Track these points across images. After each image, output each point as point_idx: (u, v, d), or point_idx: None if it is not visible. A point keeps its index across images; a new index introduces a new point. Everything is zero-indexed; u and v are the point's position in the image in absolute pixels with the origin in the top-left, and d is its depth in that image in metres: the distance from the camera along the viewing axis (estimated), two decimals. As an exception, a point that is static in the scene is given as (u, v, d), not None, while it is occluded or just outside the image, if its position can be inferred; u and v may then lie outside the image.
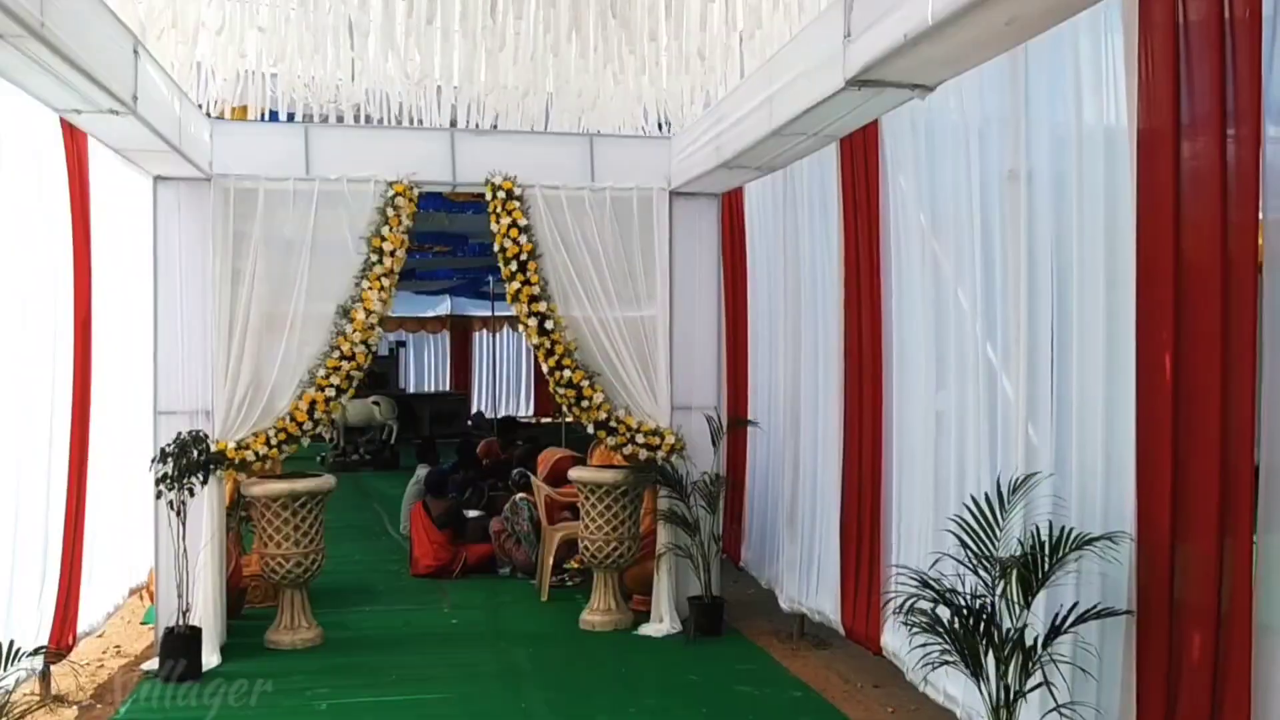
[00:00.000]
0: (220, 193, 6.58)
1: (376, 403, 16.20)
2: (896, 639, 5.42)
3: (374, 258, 6.73)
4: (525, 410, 24.02)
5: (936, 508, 5.18)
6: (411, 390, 22.65)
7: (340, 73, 6.77)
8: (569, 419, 7.51)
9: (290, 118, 6.96)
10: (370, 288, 6.70)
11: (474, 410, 22.21)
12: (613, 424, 7.02)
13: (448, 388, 23.45)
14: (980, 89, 4.75)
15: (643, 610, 7.23)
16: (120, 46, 4.73)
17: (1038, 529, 3.84)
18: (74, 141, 5.72)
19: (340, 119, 6.99)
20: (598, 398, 6.97)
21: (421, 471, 9.97)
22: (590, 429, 7.09)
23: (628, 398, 7.09)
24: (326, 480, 6.77)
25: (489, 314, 21.61)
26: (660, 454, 7.02)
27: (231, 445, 6.48)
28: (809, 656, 6.54)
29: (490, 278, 18.07)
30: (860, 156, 5.87)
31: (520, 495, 8.75)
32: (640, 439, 7.01)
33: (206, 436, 6.29)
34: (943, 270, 5.18)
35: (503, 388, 23.83)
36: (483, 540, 8.80)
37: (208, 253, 6.57)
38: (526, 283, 6.92)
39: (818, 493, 6.58)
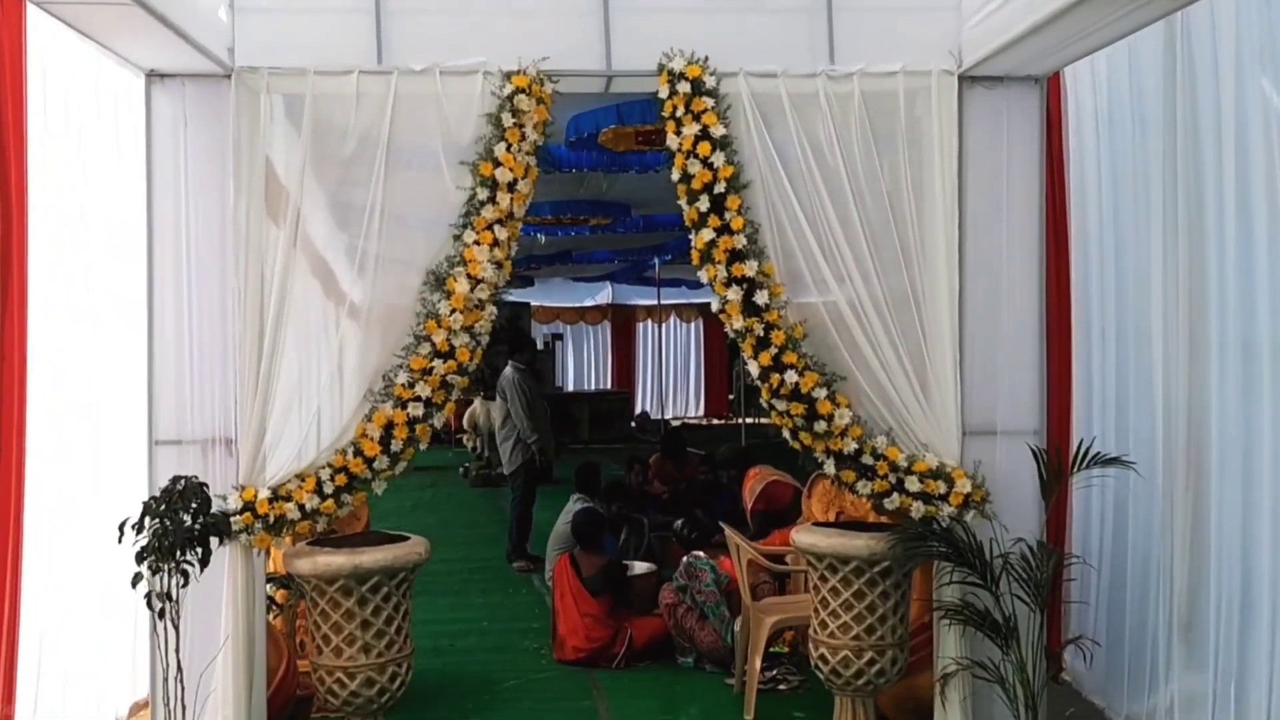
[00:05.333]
0: (246, 95, 4.14)
1: (527, 404, 13.83)
2: None
3: (482, 194, 4.17)
4: (695, 410, 21.41)
5: None
6: (569, 389, 20.34)
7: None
8: (748, 419, 4.77)
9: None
10: (477, 242, 4.16)
11: (638, 410, 19.78)
12: (867, 459, 4.30)
13: (608, 385, 21.09)
14: None
15: (910, 752, 4.52)
16: None
17: None
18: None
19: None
20: (843, 417, 4.26)
21: (576, 505, 7.43)
22: (829, 466, 4.37)
23: (890, 416, 4.33)
24: (413, 548, 4.25)
25: (654, 302, 19.16)
26: (946, 508, 4.26)
27: (263, 494, 4.07)
28: None
29: (655, 260, 15.64)
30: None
31: (696, 553, 6.11)
32: (912, 484, 4.26)
33: (206, 486, 3.85)
34: None
35: (670, 385, 21.28)
36: (654, 608, 6.21)
37: (226, 192, 4.16)
38: (725, 229, 4.24)
39: (1254, 584, 3.71)
